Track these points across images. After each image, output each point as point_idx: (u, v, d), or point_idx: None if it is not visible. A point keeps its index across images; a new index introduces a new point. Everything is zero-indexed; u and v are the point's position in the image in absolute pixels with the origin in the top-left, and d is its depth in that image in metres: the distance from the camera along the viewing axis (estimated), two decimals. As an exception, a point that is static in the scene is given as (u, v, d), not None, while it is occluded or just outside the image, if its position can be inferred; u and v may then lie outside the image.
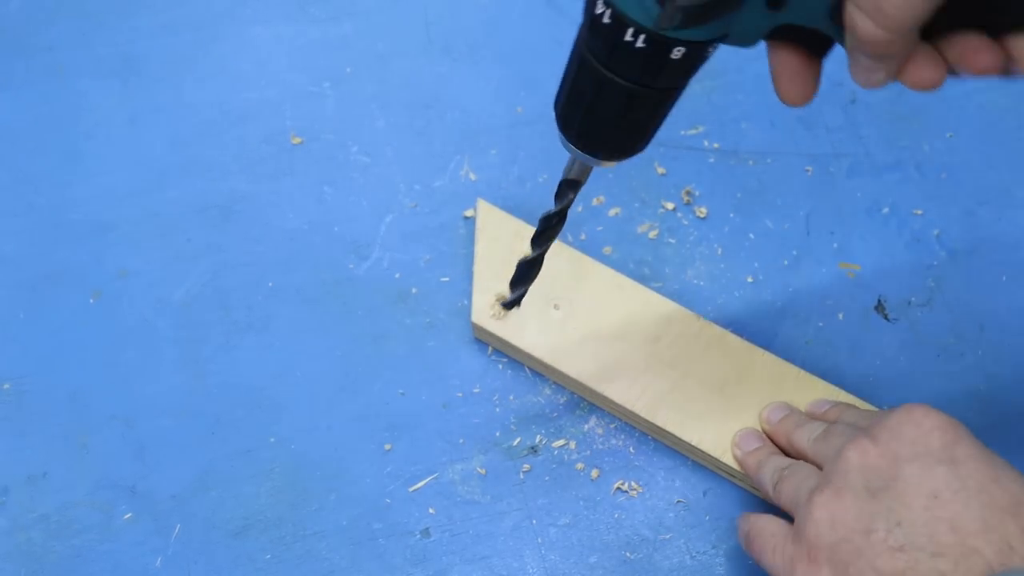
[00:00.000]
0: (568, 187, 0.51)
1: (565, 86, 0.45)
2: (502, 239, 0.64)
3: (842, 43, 0.41)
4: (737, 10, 0.40)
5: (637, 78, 0.42)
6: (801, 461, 0.53)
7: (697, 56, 0.41)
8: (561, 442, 0.61)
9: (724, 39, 0.42)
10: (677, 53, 0.41)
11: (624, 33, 0.40)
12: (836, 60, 0.66)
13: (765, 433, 0.58)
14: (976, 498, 0.44)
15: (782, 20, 0.41)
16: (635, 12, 0.39)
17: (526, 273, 0.57)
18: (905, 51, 0.39)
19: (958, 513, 0.44)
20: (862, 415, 0.54)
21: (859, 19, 0.37)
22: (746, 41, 0.42)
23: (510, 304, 0.60)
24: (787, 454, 0.56)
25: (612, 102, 0.43)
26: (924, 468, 0.46)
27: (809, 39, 0.42)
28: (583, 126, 0.45)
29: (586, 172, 0.50)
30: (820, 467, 0.51)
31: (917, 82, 0.40)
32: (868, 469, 0.47)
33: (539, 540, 0.59)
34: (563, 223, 0.53)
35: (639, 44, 0.40)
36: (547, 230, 0.53)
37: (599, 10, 0.40)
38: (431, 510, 0.59)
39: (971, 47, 0.39)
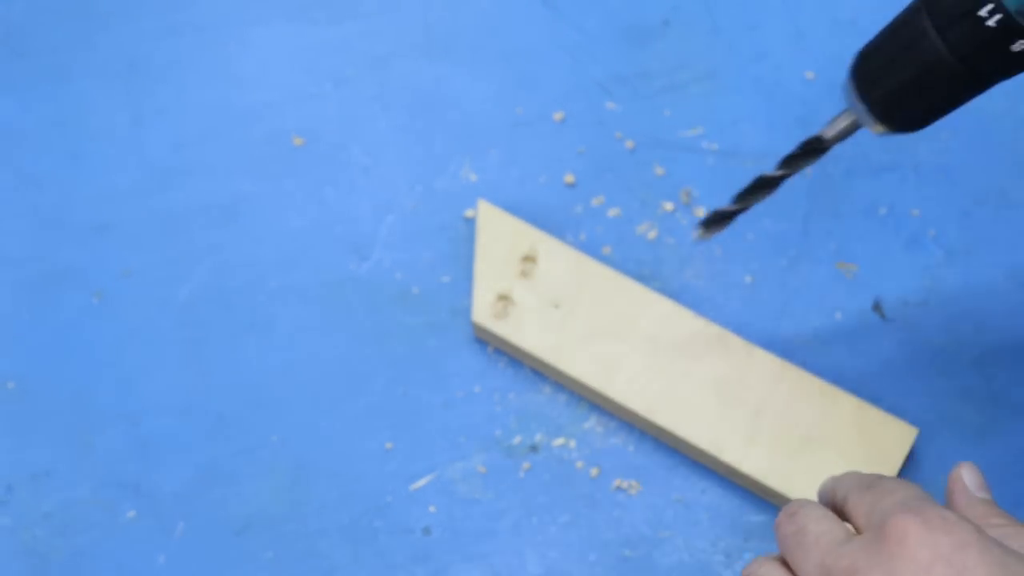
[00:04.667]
0: (812, 150, 0.50)
1: (885, 45, 0.44)
2: (503, 239, 0.64)
3: None
4: None
5: (968, 55, 0.42)
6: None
7: None
8: (561, 441, 0.61)
9: None
10: (1019, 46, 0.41)
11: (981, 6, 0.41)
12: (838, 65, 0.67)
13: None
14: None
15: None
16: None
17: (757, 190, 0.54)
18: None
19: None
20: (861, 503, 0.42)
21: None
22: None
23: (712, 221, 0.55)
24: None
25: (930, 75, 0.43)
26: None
27: None
28: (888, 89, 0.44)
29: (844, 136, 0.49)
30: None
31: None
32: None
33: (539, 538, 0.59)
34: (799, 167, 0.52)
35: (990, 22, 0.40)
36: (799, 158, 0.52)
37: None
38: (432, 508, 0.60)
39: None
